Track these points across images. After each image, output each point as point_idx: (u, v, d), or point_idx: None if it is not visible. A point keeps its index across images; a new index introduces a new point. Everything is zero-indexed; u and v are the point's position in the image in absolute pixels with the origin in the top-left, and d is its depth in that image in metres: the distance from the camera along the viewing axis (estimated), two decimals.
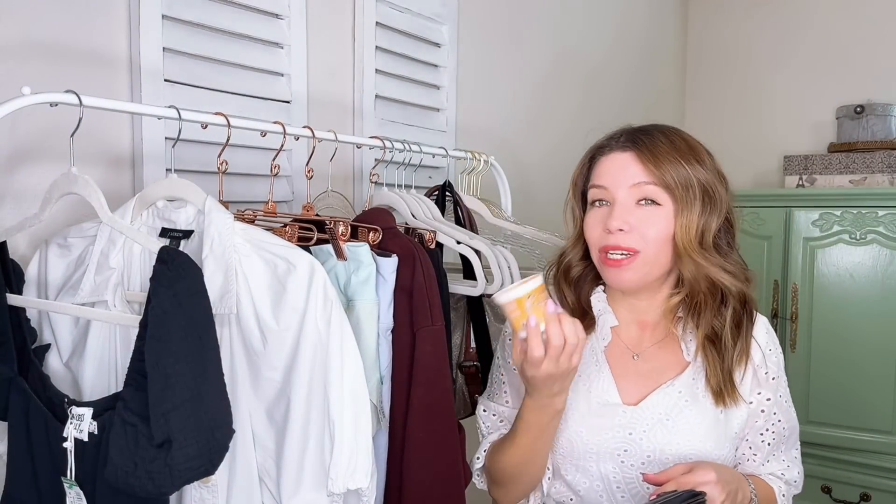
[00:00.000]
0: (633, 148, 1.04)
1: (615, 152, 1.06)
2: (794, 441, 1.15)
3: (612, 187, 1.04)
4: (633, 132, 1.08)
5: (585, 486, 1.08)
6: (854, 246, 2.37)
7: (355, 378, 0.92)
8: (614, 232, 1.02)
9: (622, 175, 1.04)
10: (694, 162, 1.03)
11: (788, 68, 2.97)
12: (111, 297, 0.95)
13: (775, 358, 1.12)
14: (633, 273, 1.03)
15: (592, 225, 1.07)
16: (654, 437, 1.05)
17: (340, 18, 1.54)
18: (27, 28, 1.06)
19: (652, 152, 1.03)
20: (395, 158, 1.32)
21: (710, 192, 1.03)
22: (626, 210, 1.03)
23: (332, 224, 1.04)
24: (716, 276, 1.03)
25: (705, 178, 1.04)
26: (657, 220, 1.02)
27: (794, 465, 1.15)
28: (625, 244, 1.02)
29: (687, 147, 1.05)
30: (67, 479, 0.87)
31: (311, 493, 0.91)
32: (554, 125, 2.30)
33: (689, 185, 1.02)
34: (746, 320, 1.09)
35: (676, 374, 1.08)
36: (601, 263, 1.06)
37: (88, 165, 1.12)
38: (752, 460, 1.12)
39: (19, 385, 0.91)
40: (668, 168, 1.02)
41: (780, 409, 1.11)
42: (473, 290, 1.27)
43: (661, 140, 1.05)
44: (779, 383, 1.12)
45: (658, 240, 1.02)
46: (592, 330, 1.11)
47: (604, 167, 1.07)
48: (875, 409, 2.35)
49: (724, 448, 1.07)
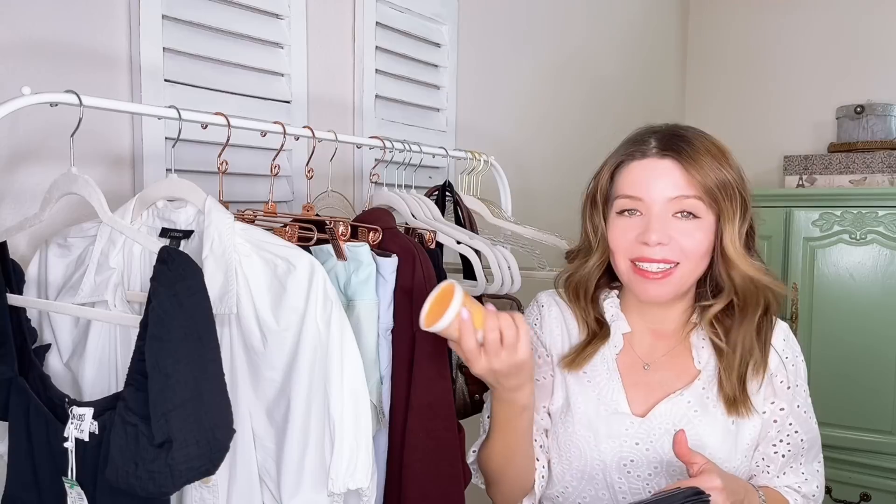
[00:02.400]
0: (673, 156, 0.98)
1: (650, 158, 1.00)
2: (814, 454, 1.11)
3: (647, 197, 0.99)
4: (669, 137, 1.01)
5: (592, 493, 1.07)
6: (854, 246, 2.38)
7: (355, 378, 0.92)
8: (653, 245, 0.98)
9: (661, 184, 0.99)
10: (726, 165, 1.00)
11: (788, 68, 2.97)
12: (111, 297, 0.95)
13: (792, 366, 1.08)
14: (670, 287, 1.00)
15: (620, 233, 1.02)
16: (661, 447, 1.03)
17: (340, 18, 1.54)
18: (27, 28, 1.06)
19: (695, 160, 0.98)
20: (395, 158, 1.32)
21: (742, 195, 1.00)
22: (663, 222, 0.98)
23: (332, 224, 1.04)
24: (766, 282, 1.01)
25: (738, 181, 1.00)
26: (696, 233, 0.99)
27: (814, 479, 1.10)
28: (662, 256, 0.98)
29: (718, 150, 1.01)
30: (68, 478, 0.87)
31: (312, 492, 0.91)
32: (554, 125, 2.30)
33: (731, 192, 0.98)
34: (767, 327, 1.06)
35: (686, 384, 1.06)
36: (631, 274, 1.01)
37: (88, 165, 1.12)
38: (767, 472, 1.08)
39: (20, 385, 0.91)
40: (710, 176, 0.97)
41: (796, 420, 1.07)
42: (473, 290, 1.27)
43: (700, 145, 0.99)
44: (796, 392, 1.08)
45: (697, 252, 0.99)
46: (607, 339, 1.09)
47: (636, 174, 1.01)
48: (875, 409, 2.35)
49: (736, 459, 1.04)
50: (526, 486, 1.09)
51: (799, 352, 1.11)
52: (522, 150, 2.15)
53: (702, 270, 1.02)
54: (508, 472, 1.08)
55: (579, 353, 1.09)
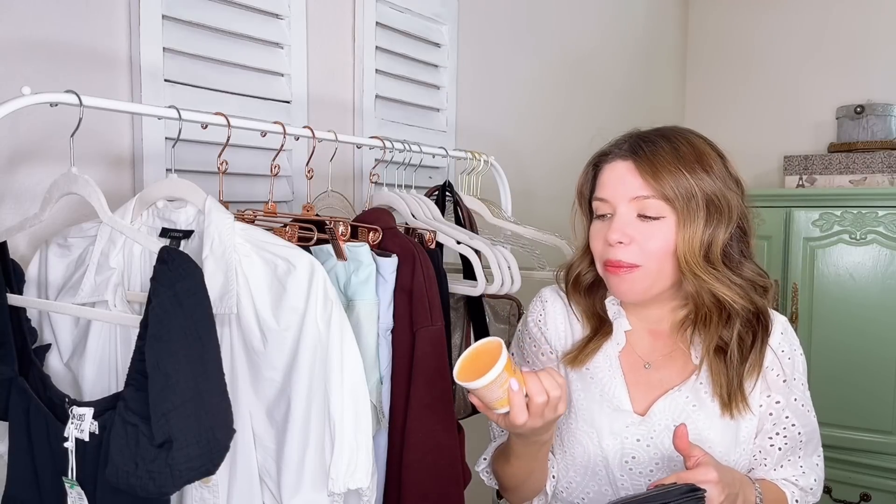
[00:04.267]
0: (631, 157, 1.01)
1: (616, 161, 1.03)
2: (813, 447, 1.11)
3: (612, 199, 1.01)
4: (635, 139, 1.03)
5: (595, 489, 1.08)
6: (854, 246, 2.38)
7: (355, 378, 0.92)
8: (614, 244, 0.99)
9: (622, 187, 1.01)
10: (699, 171, 0.99)
11: (788, 68, 2.97)
12: (111, 297, 0.95)
13: (789, 359, 1.08)
14: (632, 285, 1.01)
15: (595, 237, 1.05)
16: (661, 443, 1.04)
17: (340, 18, 1.54)
18: (27, 28, 1.06)
19: (651, 163, 0.99)
20: (395, 158, 1.32)
21: (716, 202, 0.99)
22: (625, 223, 1.00)
23: (332, 224, 1.04)
24: (719, 291, 1.00)
25: (711, 188, 0.99)
26: (658, 234, 0.99)
27: (812, 472, 1.10)
28: (625, 259, 0.99)
29: (693, 154, 1.00)
30: (68, 478, 0.87)
31: (312, 492, 0.91)
32: (554, 125, 2.30)
33: (692, 197, 0.98)
34: (761, 332, 1.05)
35: (683, 380, 1.06)
36: (605, 273, 1.04)
37: (88, 165, 1.12)
38: (764, 464, 1.08)
39: (20, 385, 0.91)
40: (667, 180, 0.98)
41: (793, 413, 1.07)
42: (473, 290, 1.27)
43: (664, 148, 1.00)
44: (793, 386, 1.08)
45: (659, 253, 0.99)
46: (610, 336, 1.10)
47: (605, 177, 1.04)
48: (875, 409, 2.35)
49: (735, 452, 1.05)
50: (539, 489, 1.11)
51: (797, 345, 1.10)
52: (522, 150, 2.15)
53: (670, 271, 1.01)
54: (526, 486, 1.11)
55: (581, 349, 1.10)
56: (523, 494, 1.13)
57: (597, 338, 1.10)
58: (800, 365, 1.10)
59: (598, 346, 1.09)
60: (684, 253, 0.98)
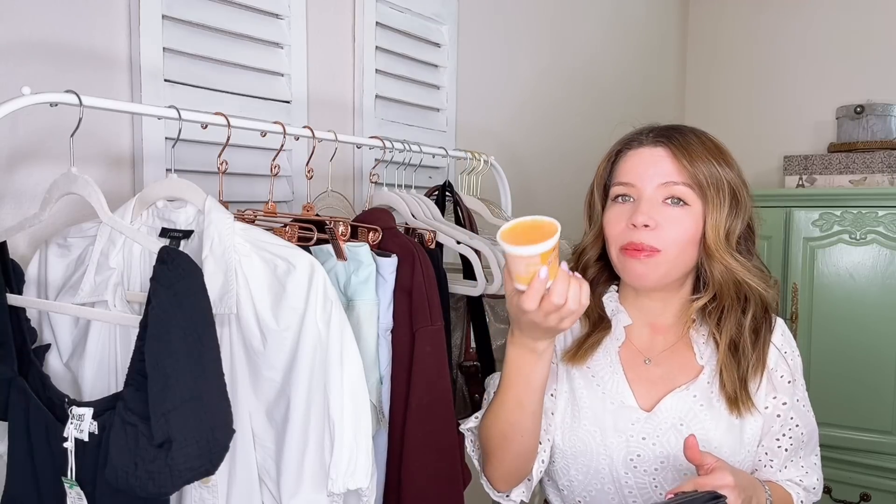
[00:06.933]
0: (666, 144, 1.02)
1: (645, 147, 1.04)
2: (813, 446, 1.12)
3: (639, 183, 1.02)
4: (664, 128, 1.06)
5: (597, 487, 1.07)
6: (854, 246, 2.37)
7: (355, 378, 0.92)
8: (639, 227, 0.99)
9: (652, 171, 1.02)
10: (723, 163, 1.02)
11: (788, 68, 2.97)
12: (111, 297, 0.95)
13: (791, 360, 1.09)
14: (651, 269, 1.01)
15: (614, 220, 1.04)
16: (667, 442, 1.03)
17: (340, 18, 1.54)
18: (27, 28, 1.06)
19: (686, 150, 1.01)
20: (395, 158, 1.32)
21: (737, 194, 1.02)
22: (652, 206, 1.00)
23: (332, 224, 1.04)
24: (744, 277, 1.02)
25: (733, 180, 1.03)
26: (683, 221, 1.00)
27: (813, 472, 1.12)
28: (648, 242, 1.00)
29: (716, 147, 1.04)
30: (68, 478, 0.87)
31: (312, 492, 0.91)
32: (554, 125, 2.30)
33: (721, 186, 1.01)
34: (765, 327, 1.07)
35: (691, 379, 1.06)
36: (621, 257, 1.03)
37: (88, 165, 1.12)
38: (770, 466, 1.09)
39: (19, 385, 0.91)
40: (701, 167, 1.00)
41: (797, 414, 1.08)
42: (473, 290, 1.27)
43: (693, 138, 1.03)
44: (795, 387, 1.09)
45: (681, 241, 1.01)
46: (609, 331, 1.10)
47: (631, 162, 1.04)
48: (875, 409, 2.35)
49: (740, 454, 1.05)
50: (525, 468, 1.05)
51: (795, 346, 1.12)
52: (522, 149, 2.15)
53: (688, 259, 1.03)
54: (512, 441, 1.02)
55: (580, 345, 1.09)
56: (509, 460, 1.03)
57: (595, 333, 1.09)
58: (799, 366, 1.12)
59: (597, 340, 1.09)
60: (713, 238, 1.00)
